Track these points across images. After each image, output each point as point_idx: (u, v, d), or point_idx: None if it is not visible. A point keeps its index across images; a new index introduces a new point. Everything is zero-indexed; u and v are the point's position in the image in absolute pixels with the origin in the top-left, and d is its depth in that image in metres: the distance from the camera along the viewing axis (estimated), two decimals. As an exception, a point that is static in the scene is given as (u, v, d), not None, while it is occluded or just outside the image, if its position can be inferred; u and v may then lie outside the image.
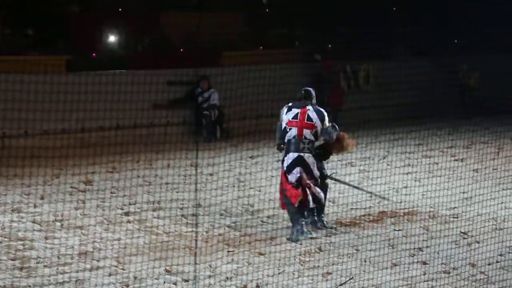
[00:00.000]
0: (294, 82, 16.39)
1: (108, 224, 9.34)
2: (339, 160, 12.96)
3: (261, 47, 20.58)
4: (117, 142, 14.74)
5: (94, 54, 17.27)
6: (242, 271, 7.73)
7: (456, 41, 21.29)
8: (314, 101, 9.10)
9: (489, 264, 7.98)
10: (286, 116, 8.95)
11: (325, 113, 9.02)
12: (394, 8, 22.11)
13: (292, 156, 8.82)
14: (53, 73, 13.56)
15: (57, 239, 8.67)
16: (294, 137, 8.84)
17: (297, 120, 8.87)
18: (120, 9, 19.46)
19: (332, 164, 12.71)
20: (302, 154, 8.79)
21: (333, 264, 7.99)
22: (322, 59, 18.51)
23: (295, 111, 8.95)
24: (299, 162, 8.79)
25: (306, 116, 8.88)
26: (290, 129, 8.89)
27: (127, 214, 9.77)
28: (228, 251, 8.36)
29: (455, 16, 19.07)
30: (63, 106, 11.33)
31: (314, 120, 8.88)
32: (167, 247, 8.42)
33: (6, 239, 8.59)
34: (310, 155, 8.83)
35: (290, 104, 9.09)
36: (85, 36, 17.79)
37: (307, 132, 8.83)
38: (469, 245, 8.62)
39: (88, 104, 12.20)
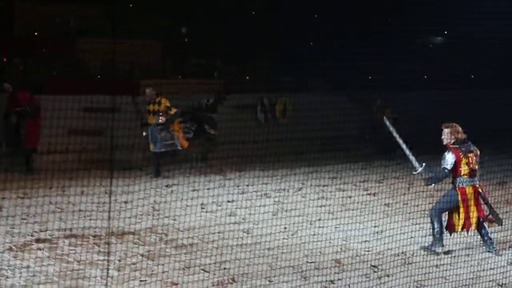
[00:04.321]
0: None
1: (17, 251, 9.09)
2: (255, 191, 13.07)
3: (179, 76, 20.60)
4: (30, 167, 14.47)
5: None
6: (154, 301, 7.66)
7: (370, 77, 21.83)
8: None
9: (398, 297, 8.15)
10: None
11: None
12: (311, 43, 22.54)
13: None
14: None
15: (-37, 265, 8.40)
16: None
17: None
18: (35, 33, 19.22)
19: (248, 195, 12.83)
20: None
21: (246, 295, 8.01)
22: (15, 90, 15.28)
23: None
24: None
25: None
26: None
27: (37, 241, 9.55)
28: (141, 280, 8.26)
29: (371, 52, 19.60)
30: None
31: None
32: (78, 276, 8.26)
33: None
34: None
35: None
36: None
37: None
38: (379, 278, 8.77)
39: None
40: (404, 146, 10.29)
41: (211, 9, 20.57)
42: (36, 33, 19.40)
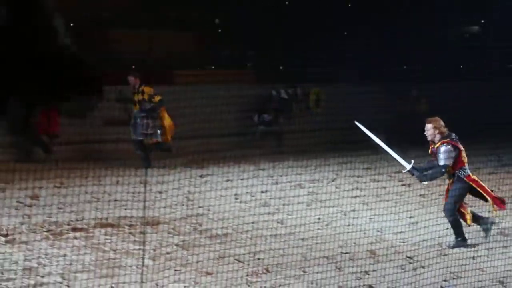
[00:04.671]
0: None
1: (54, 240, 9.21)
2: (288, 182, 13.08)
3: (212, 67, 20.65)
4: (66, 157, 14.60)
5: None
6: (189, 291, 7.70)
7: (405, 67, 21.66)
8: None
9: (434, 289, 8.10)
10: None
11: None
12: (345, 33, 22.43)
13: None
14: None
15: (1, 254, 8.51)
16: None
17: None
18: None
19: (282, 186, 12.84)
20: None
21: (279, 286, 8.00)
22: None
23: None
24: None
25: None
26: None
27: (74, 230, 9.65)
28: (176, 270, 8.31)
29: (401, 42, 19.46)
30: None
31: None
32: (113, 265, 8.32)
33: None
34: None
35: None
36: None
37: None
38: (415, 269, 8.72)
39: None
40: (386, 148, 10.20)
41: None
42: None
